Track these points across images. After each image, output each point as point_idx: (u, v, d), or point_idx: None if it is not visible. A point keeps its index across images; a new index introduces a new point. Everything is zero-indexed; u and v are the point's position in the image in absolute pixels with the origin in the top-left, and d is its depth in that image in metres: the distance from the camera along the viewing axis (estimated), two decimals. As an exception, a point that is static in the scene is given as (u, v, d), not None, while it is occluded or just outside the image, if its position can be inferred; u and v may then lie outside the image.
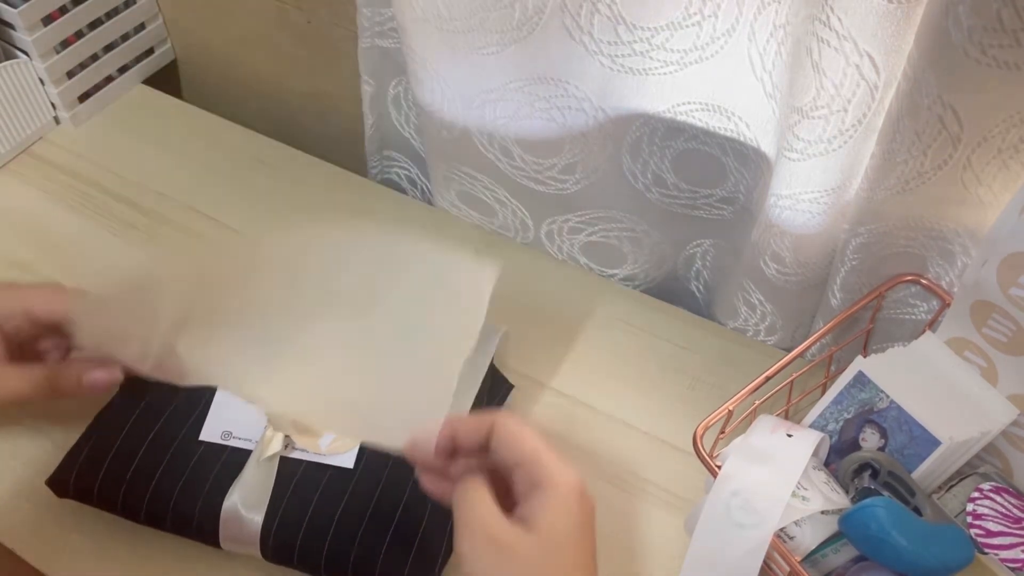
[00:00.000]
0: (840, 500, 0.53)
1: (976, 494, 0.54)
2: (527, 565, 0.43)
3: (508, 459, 0.45)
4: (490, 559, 0.44)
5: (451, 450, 0.47)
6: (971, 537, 0.53)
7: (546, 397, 0.68)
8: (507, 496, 0.46)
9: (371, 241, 0.53)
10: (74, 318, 0.54)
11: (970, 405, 0.56)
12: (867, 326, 0.66)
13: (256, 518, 0.56)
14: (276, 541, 0.56)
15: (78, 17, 0.81)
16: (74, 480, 0.58)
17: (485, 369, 0.63)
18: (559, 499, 0.44)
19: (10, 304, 0.56)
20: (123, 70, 0.89)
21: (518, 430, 0.46)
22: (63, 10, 0.80)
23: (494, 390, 0.66)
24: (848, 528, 0.51)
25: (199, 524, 0.56)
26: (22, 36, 0.78)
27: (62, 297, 0.56)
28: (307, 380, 0.53)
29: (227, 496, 0.56)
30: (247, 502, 0.57)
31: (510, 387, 0.67)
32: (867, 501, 0.50)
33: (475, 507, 0.45)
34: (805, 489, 0.52)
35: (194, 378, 0.53)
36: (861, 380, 0.58)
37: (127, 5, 0.86)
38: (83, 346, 0.55)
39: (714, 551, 0.52)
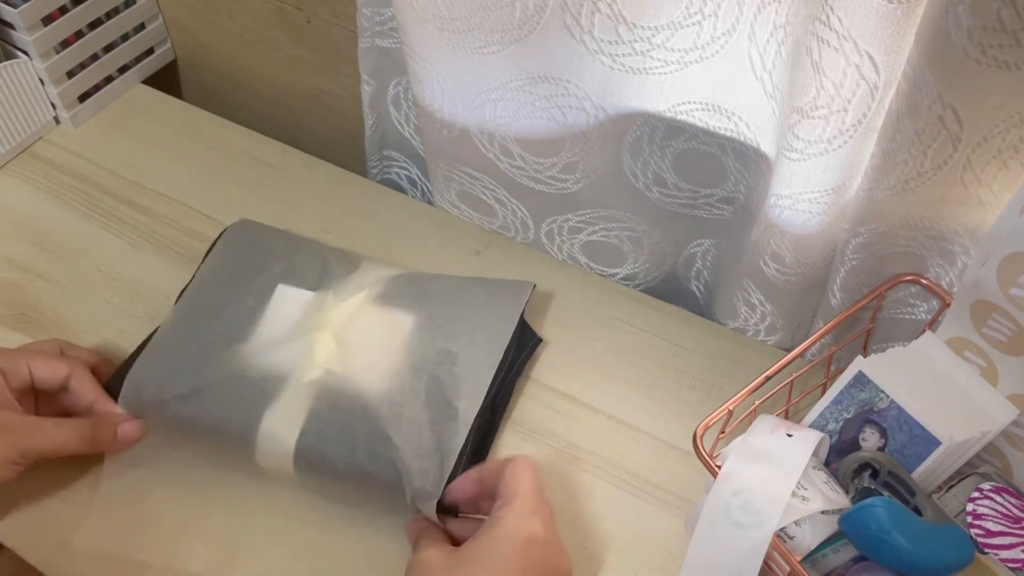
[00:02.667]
0: (840, 500, 0.53)
1: (976, 494, 0.54)
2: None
3: (503, 490, 0.52)
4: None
5: (476, 492, 0.55)
6: (971, 537, 0.53)
7: (546, 397, 0.68)
8: None
9: None
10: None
11: (970, 405, 0.56)
12: (867, 326, 0.66)
13: (292, 434, 0.59)
14: (311, 456, 0.58)
15: (78, 17, 0.81)
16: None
17: (515, 322, 0.65)
18: (496, 530, 0.50)
19: (21, 368, 0.58)
20: (123, 70, 0.89)
21: (520, 469, 0.53)
22: (63, 10, 0.80)
23: (522, 342, 0.68)
24: (848, 528, 0.51)
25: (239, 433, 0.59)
26: (22, 36, 0.78)
27: (61, 363, 0.59)
28: None
29: (266, 414, 0.59)
30: (285, 421, 0.59)
31: (538, 340, 0.70)
32: (867, 501, 0.50)
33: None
34: (805, 489, 0.52)
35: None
36: (861, 380, 0.58)
37: (127, 5, 0.86)
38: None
39: (714, 551, 0.52)
